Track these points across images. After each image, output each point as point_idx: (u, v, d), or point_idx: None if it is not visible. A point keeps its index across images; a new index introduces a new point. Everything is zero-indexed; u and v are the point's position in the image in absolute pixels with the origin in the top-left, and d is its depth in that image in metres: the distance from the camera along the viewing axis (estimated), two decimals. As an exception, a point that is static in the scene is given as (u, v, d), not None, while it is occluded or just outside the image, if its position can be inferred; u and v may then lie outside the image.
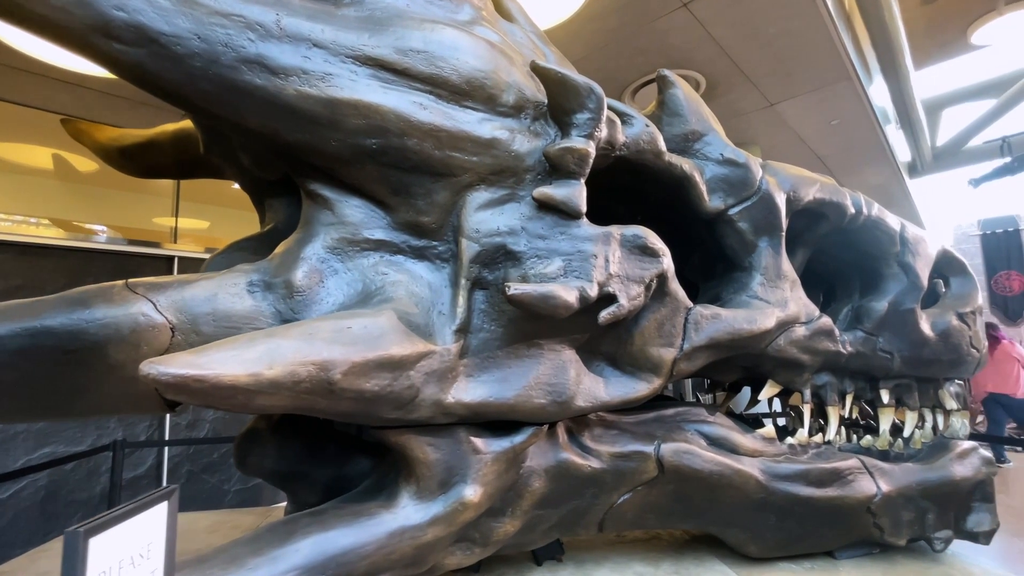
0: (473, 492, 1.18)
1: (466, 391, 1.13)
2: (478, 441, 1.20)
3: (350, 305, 1.09)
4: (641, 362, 1.38)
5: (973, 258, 12.94)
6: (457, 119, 1.09)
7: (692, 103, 1.62)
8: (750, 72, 3.99)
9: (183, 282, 1.01)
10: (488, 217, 1.15)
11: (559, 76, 1.13)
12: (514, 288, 1.04)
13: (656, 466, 1.51)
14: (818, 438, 1.82)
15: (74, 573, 0.52)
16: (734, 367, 1.76)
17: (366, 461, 1.43)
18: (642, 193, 1.69)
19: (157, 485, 3.90)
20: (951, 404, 1.97)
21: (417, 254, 1.18)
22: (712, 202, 1.60)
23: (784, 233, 1.67)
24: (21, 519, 3.49)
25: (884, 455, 1.87)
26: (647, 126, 1.44)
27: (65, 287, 0.97)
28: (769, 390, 1.80)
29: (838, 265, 2.04)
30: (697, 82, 4.16)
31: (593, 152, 1.18)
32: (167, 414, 1.09)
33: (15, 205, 4.35)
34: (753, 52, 3.70)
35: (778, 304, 1.61)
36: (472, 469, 1.19)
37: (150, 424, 3.92)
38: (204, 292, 1.00)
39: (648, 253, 1.25)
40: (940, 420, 1.99)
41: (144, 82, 0.91)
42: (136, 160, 1.59)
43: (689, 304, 1.44)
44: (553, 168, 1.17)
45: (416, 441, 1.15)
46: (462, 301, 1.13)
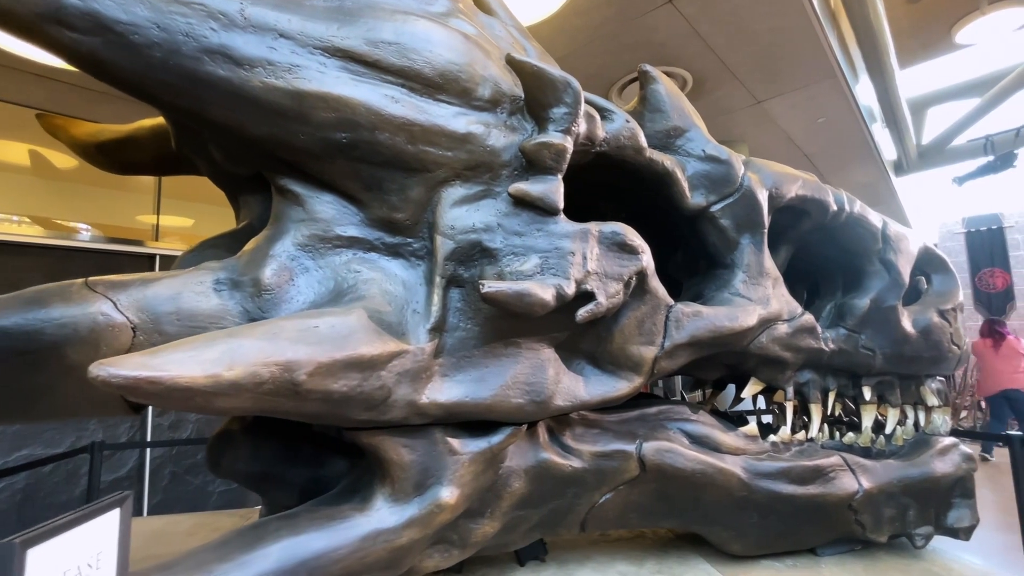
0: (449, 494, 1.16)
1: (441, 391, 1.11)
2: (454, 442, 1.18)
3: (321, 304, 1.06)
4: (621, 360, 1.36)
5: (958, 255, 13.11)
6: (430, 113, 1.07)
7: (674, 99, 1.61)
8: (736, 69, 4.00)
9: (145, 280, 0.97)
10: (463, 213, 1.13)
11: (535, 69, 1.11)
12: (488, 286, 1.02)
13: (638, 465, 1.50)
14: (801, 436, 1.81)
15: (11, 587, 0.49)
16: (717, 365, 1.75)
17: (343, 462, 1.40)
18: (625, 190, 1.68)
19: (139, 487, 3.84)
20: (932, 401, 1.98)
21: (391, 251, 1.15)
22: (694, 199, 1.59)
23: (766, 230, 1.66)
24: (-2, 522, 3.43)
25: (866, 452, 1.87)
26: (627, 122, 1.42)
27: (42, 287, 0.93)
28: (752, 388, 1.79)
29: (822, 262, 2.05)
30: (684, 79, 4.16)
31: (570, 147, 1.16)
32: (134, 416, 1.05)
33: (-9, 202, 4.26)
34: (739, 49, 3.70)
35: (760, 301, 1.60)
36: (448, 470, 1.17)
37: (131, 425, 3.85)
38: (168, 291, 0.97)
39: (627, 250, 1.24)
40: (922, 417, 1.99)
41: (101, 72, 0.87)
42: (114, 156, 1.55)
43: (670, 302, 1.43)
44: (530, 164, 1.15)
45: (390, 442, 1.12)
46: (437, 299, 1.11)
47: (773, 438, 1.76)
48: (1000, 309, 12.02)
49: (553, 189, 1.14)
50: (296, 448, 1.40)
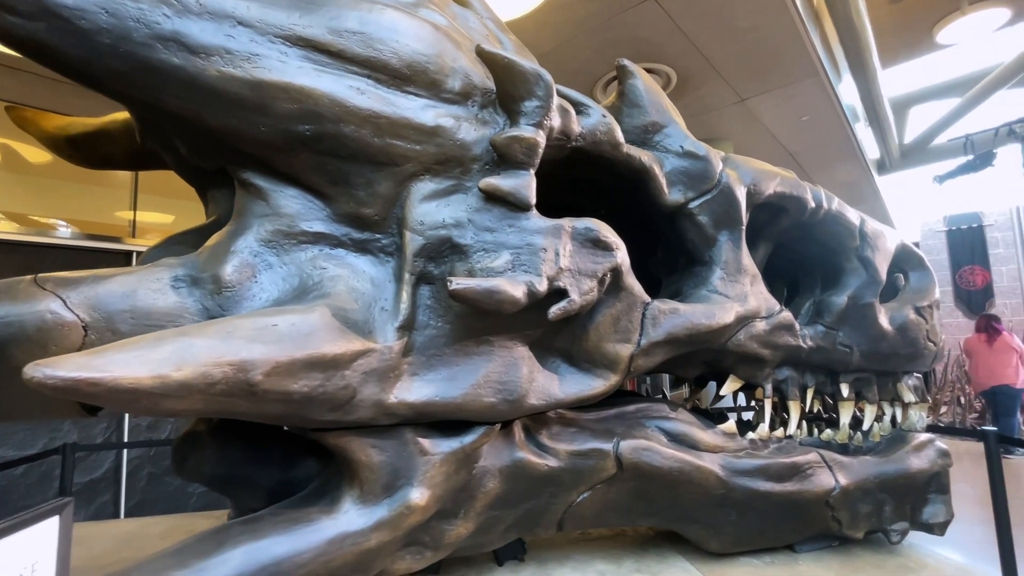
0: (420, 495, 1.13)
1: (410, 391, 1.08)
2: (425, 442, 1.16)
3: (285, 301, 1.03)
4: (597, 358, 1.35)
5: (939, 253, 13.30)
6: (398, 105, 1.04)
7: (652, 94, 1.59)
8: (720, 67, 4.00)
9: (98, 277, 0.94)
10: (433, 209, 1.10)
11: (506, 61, 1.08)
12: (456, 283, 0.99)
13: (615, 464, 1.48)
14: (780, 432, 1.81)
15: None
16: (695, 362, 1.74)
17: (314, 464, 1.37)
18: (605, 187, 1.66)
19: (115, 489, 3.76)
20: (909, 397, 1.99)
21: (359, 247, 1.12)
22: (672, 195, 1.57)
23: (744, 227, 1.65)
24: (-31, 526, 3.32)
25: (844, 448, 1.88)
26: (604, 116, 1.40)
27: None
28: (731, 385, 1.79)
29: (801, 260, 2.05)
30: (668, 76, 4.15)
31: (542, 141, 1.13)
32: (88, 418, 1.01)
33: (-40, 198, 4.15)
34: (722, 47, 3.70)
35: (738, 299, 1.59)
36: (419, 471, 1.14)
37: (108, 425, 3.77)
38: (122, 288, 0.93)
39: (601, 246, 1.22)
40: (899, 413, 2.00)
41: (45, 59, 0.84)
42: (86, 150, 1.51)
43: (646, 299, 1.42)
44: (501, 158, 1.13)
45: (358, 443, 1.10)
46: (406, 297, 1.08)
47: (752, 435, 1.76)
48: (979, 306, 12.21)
49: (524, 184, 1.12)
50: (266, 449, 1.36)
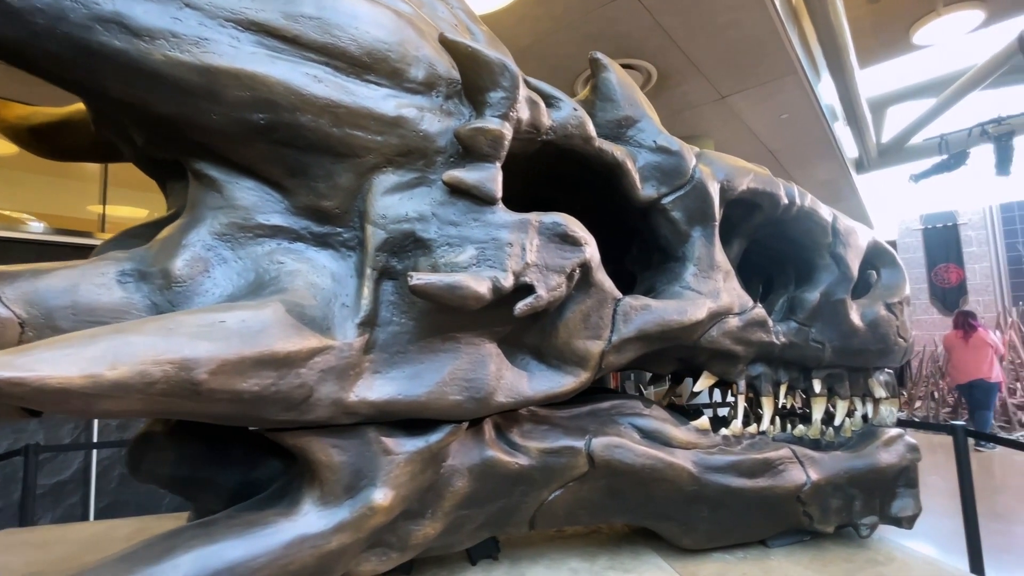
0: (383, 496, 1.11)
1: (371, 389, 1.05)
2: (389, 441, 1.13)
3: (240, 296, 1.00)
4: (567, 355, 1.33)
5: (916, 251, 13.59)
6: (357, 94, 1.01)
7: (625, 88, 1.58)
8: (700, 63, 4.01)
9: (37, 271, 0.89)
10: (396, 202, 1.07)
11: (469, 51, 1.05)
12: (417, 278, 0.96)
13: (587, 461, 1.47)
14: (753, 429, 1.82)
15: None
16: (669, 359, 1.74)
17: (278, 464, 1.33)
18: (579, 181, 1.64)
19: (84, 490, 3.66)
20: (880, 392, 2.01)
21: (319, 241, 1.09)
22: (645, 190, 1.56)
23: (717, 223, 1.65)
24: (-71, 530, 3.22)
25: (816, 444, 1.89)
26: (575, 110, 1.38)
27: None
28: (704, 382, 1.79)
29: (776, 256, 2.05)
30: (649, 73, 4.15)
31: (508, 133, 1.11)
32: (31, 419, 0.96)
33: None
34: (702, 43, 3.71)
35: (710, 295, 1.59)
36: (382, 471, 1.11)
37: (76, 425, 3.67)
38: (63, 283, 0.89)
39: (569, 241, 1.20)
40: (870, 409, 2.02)
41: (-25, 40, 0.79)
42: (49, 141, 1.44)
43: (618, 295, 1.40)
44: (466, 150, 1.10)
45: (319, 443, 1.06)
46: (367, 292, 1.05)
47: (725, 431, 1.76)
48: (954, 303, 12.51)
49: (490, 177, 1.09)
50: (227, 449, 1.32)
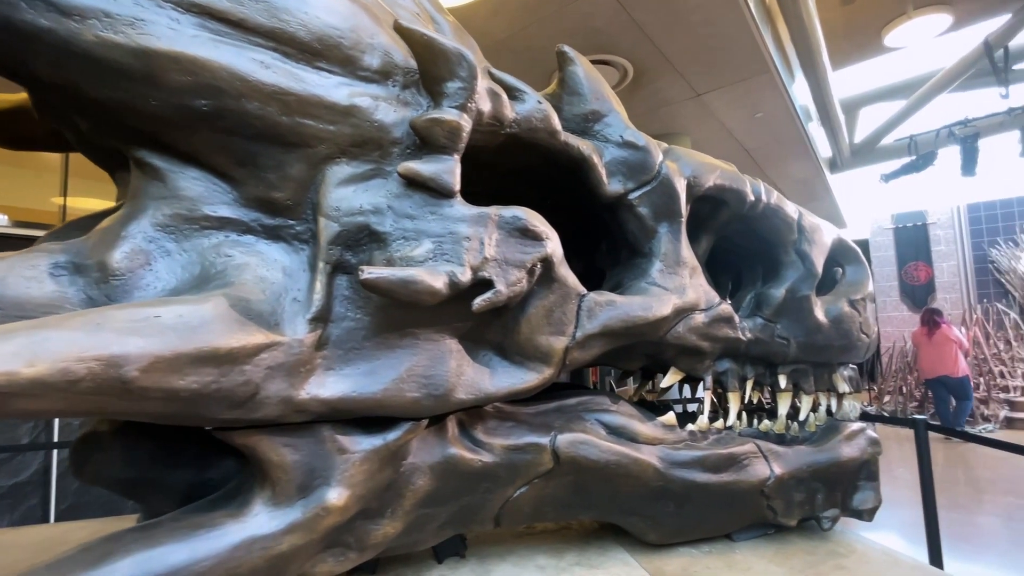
0: (337, 495, 1.08)
1: (324, 386, 1.02)
2: (344, 439, 1.10)
3: (184, 291, 0.96)
4: (529, 351, 1.32)
5: (887, 250, 13.93)
6: (307, 82, 0.97)
7: (592, 82, 1.56)
8: (675, 60, 4.03)
9: (-39, 264, 0.84)
10: (350, 194, 1.04)
11: (425, 39, 1.03)
12: (368, 272, 0.94)
13: (552, 458, 1.46)
14: (719, 424, 1.83)
15: None
16: (637, 355, 1.74)
17: (232, 463, 1.29)
18: (549, 177, 1.63)
19: (44, 492, 3.54)
20: (844, 388, 2.04)
21: (270, 234, 1.05)
22: (611, 186, 1.55)
23: (684, 219, 1.65)
24: None
25: (781, 438, 1.91)
26: (540, 103, 1.36)
27: None
28: (671, 377, 1.79)
29: (745, 253, 2.07)
30: (626, 69, 4.16)
31: (467, 125, 1.08)
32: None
33: None
34: (676, 40, 3.73)
35: (676, 291, 1.59)
36: (337, 470, 1.09)
37: (35, 424, 3.55)
38: (-11, 275, 0.84)
39: (530, 236, 1.18)
40: (834, 403, 2.06)
41: None
42: (3, 129, 1.37)
43: (582, 290, 1.39)
44: (423, 141, 1.07)
45: (269, 442, 1.03)
46: (320, 287, 1.02)
47: (691, 427, 1.77)
48: (922, 301, 12.86)
49: (447, 169, 1.07)
50: (179, 449, 1.28)
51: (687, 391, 2.09)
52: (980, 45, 7.05)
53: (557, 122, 1.40)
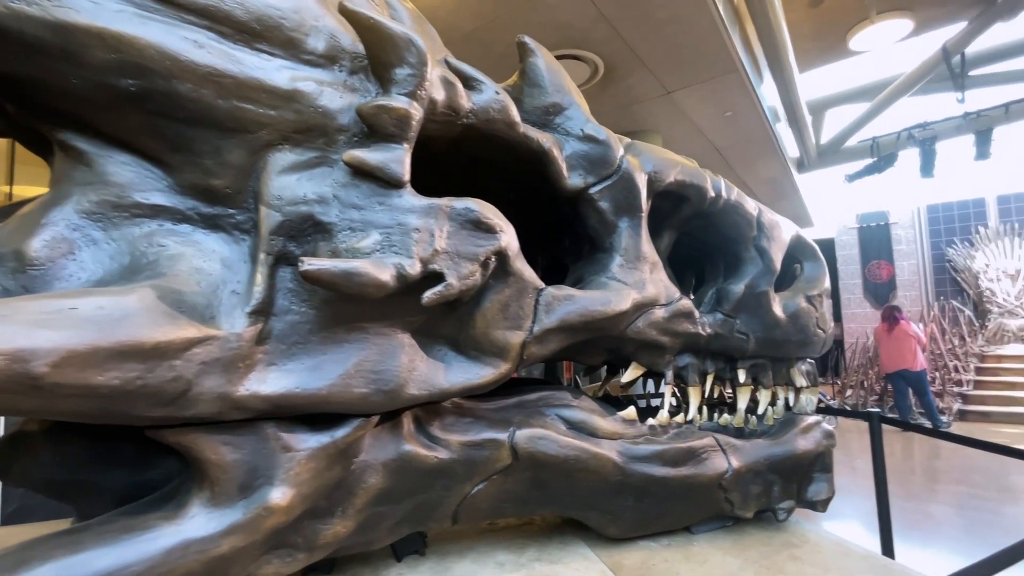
0: (281, 495, 1.04)
1: (265, 382, 0.98)
2: (288, 437, 1.06)
3: (111, 282, 0.90)
4: (485, 346, 1.29)
5: (852, 248, 14.37)
6: (246, 64, 0.93)
7: (553, 73, 1.55)
8: (645, 57, 4.05)
9: None
10: (293, 182, 1.00)
11: (371, 22, 0.99)
12: (309, 263, 0.90)
13: (510, 453, 1.44)
14: (680, 418, 1.84)
15: None
16: (598, 350, 1.73)
17: (175, 463, 1.24)
18: (511, 170, 1.60)
19: (-9, 494, 3.37)
20: (801, 382, 2.08)
21: (208, 224, 1.00)
22: (572, 180, 1.54)
23: (644, 214, 1.64)
24: None
25: (739, 432, 1.93)
26: (497, 94, 1.34)
27: None
28: (632, 372, 1.79)
29: (707, 249, 2.08)
30: (596, 65, 4.16)
31: (416, 114, 1.05)
32: None
33: None
34: (646, 36, 3.74)
35: (635, 286, 1.59)
36: (280, 469, 1.05)
37: (-21, 424, 3.37)
38: None
39: (483, 228, 1.16)
40: (792, 397, 2.09)
41: None
42: None
43: (539, 285, 1.38)
44: (370, 129, 1.04)
45: (207, 441, 0.99)
46: (260, 279, 0.98)
47: (652, 421, 1.77)
48: (884, 298, 13.32)
49: (395, 159, 1.04)
50: (115, 449, 1.22)
51: (652, 386, 2.09)
52: (938, 51, 7.30)
53: (515, 113, 1.38)
